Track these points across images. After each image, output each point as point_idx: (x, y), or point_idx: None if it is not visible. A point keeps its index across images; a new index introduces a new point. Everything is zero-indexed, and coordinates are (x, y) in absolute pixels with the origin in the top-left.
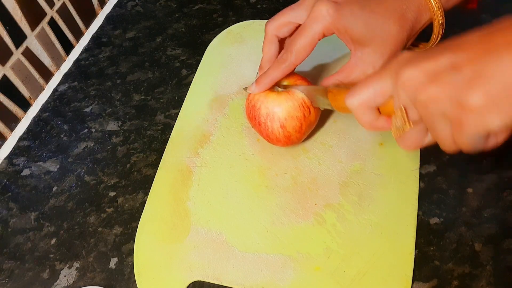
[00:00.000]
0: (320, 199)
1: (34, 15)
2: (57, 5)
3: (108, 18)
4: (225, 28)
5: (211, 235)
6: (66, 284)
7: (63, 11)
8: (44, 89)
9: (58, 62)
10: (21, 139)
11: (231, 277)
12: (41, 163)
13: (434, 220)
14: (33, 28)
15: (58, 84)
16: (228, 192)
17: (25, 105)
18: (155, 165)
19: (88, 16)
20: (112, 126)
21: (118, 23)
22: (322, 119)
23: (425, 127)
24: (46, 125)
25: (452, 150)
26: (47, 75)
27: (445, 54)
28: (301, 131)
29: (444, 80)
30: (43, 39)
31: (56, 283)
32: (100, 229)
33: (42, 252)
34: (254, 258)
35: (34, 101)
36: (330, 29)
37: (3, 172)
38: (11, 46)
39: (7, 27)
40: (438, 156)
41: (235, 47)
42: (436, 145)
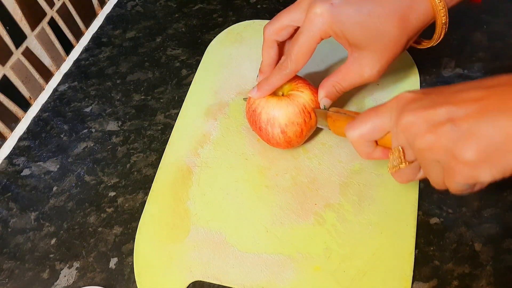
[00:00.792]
0: (320, 199)
1: (34, 15)
2: (57, 5)
3: (108, 18)
4: (225, 28)
5: (211, 235)
6: (66, 284)
7: (63, 11)
8: (44, 89)
9: (58, 62)
10: (21, 139)
11: (231, 277)
12: (41, 163)
13: (434, 220)
14: (33, 28)
15: (58, 84)
16: (228, 192)
17: (25, 105)
18: (155, 165)
19: (88, 16)
20: (112, 126)
21: (118, 23)
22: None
23: (419, 166)
24: (46, 125)
25: (441, 189)
26: (47, 75)
27: (445, 106)
28: (302, 136)
29: (442, 131)
30: (43, 39)
31: (56, 283)
32: (100, 229)
33: (42, 252)
34: (254, 258)
35: (34, 101)
36: (327, 33)
37: (3, 172)
38: (11, 46)
39: (7, 27)
40: None
41: (235, 47)
42: None
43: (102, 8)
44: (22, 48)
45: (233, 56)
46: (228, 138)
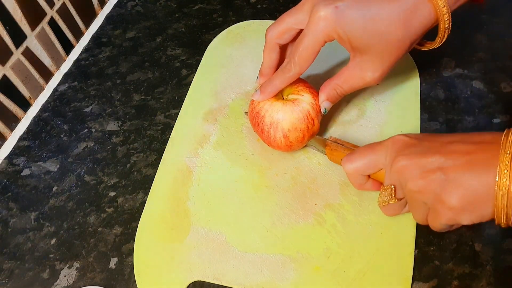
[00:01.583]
0: (320, 199)
1: (34, 15)
2: (57, 5)
3: (108, 18)
4: (225, 28)
5: (211, 235)
6: (66, 284)
7: (63, 11)
8: (44, 89)
9: (58, 62)
10: (21, 139)
11: (231, 277)
12: (41, 163)
13: None
14: (33, 28)
15: (58, 84)
16: (228, 192)
17: (25, 105)
18: (155, 165)
19: (88, 16)
20: (112, 126)
21: (118, 23)
22: (322, 119)
23: (406, 203)
24: (46, 125)
25: (423, 224)
26: (47, 75)
27: (436, 156)
28: (303, 141)
29: (432, 178)
30: (43, 39)
31: (56, 283)
32: (100, 229)
33: (42, 252)
34: (254, 258)
35: (34, 101)
36: (331, 36)
37: (3, 172)
38: (11, 46)
39: (7, 27)
40: None
41: (235, 47)
42: None
43: (102, 8)
44: (22, 48)
45: (233, 56)
46: (228, 138)
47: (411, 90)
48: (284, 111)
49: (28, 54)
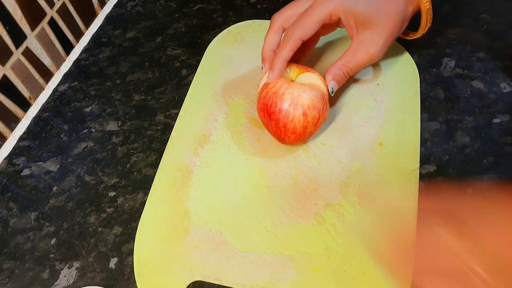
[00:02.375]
0: (320, 199)
1: (34, 15)
2: (57, 5)
3: (108, 18)
4: (225, 28)
5: (211, 235)
6: (66, 284)
7: (63, 11)
8: (44, 89)
9: (58, 62)
10: (21, 139)
11: (231, 277)
12: (41, 163)
13: None
14: (33, 28)
15: (58, 84)
16: (228, 192)
17: (25, 105)
18: (155, 165)
19: (88, 16)
20: (112, 126)
21: (118, 23)
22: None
23: None
24: (46, 125)
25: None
26: (47, 75)
27: None
28: (316, 125)
29: None
30: (43, 39)
31: (56, 283)
32: (100, 229)
33: (42, 252)
34: (254, 258)
35: (34, 101)
36: (337, 12)
37: (3, 172)
38: (11, 46)
39: (7, 27)
40: (438, 156)
41: (235, 47)
42: (437, 145)
43: (102, 8)
44: (22, 48)
45: (233, 56)
46: (228, 138)
47: (411, 90)
48: (304, 89)
49: (28, 54)
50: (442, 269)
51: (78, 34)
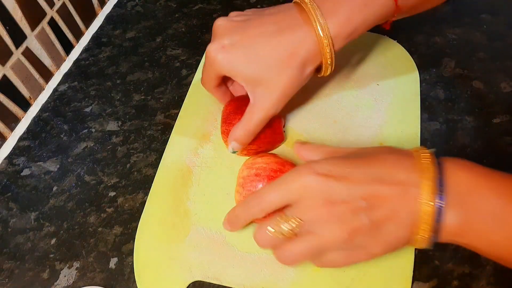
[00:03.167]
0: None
1: (34, 15)
2: (57, 5)
3: (108, 18)
4: None
5: (211, 235)
6: (66, 284)
7: (63, 11)
8: (44, 89)
9: (58, 62)
10: (21, 139)
11: (231, 277)
12: (41, 163)
13: None
14: (33, 28)
15: (58, 84)
16: (228, 192)
17: (25, 105)
18: (155, 165)
19: (88, 16)
20: (112, 126)
21: (118, 23)
22: (322, 119)
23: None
24: (46, 125)
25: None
26: (47, 75)
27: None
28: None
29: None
30: (43, 39)
31: (56, 283)
32: (100, 229)
33: (42, 252)
34: (254, 258)
35: (34, 101)
36: (222, 73)
37: (3, 172)
38: (11, 46)
39: (7, 27)
40: (438, 156)
41: None
42: (437, 145)
43: (102, 8)
44: (22, 48)
45: None
46: None
47: (411, 90)
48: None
49: (28, 54)
50: None
51: (78, 34)
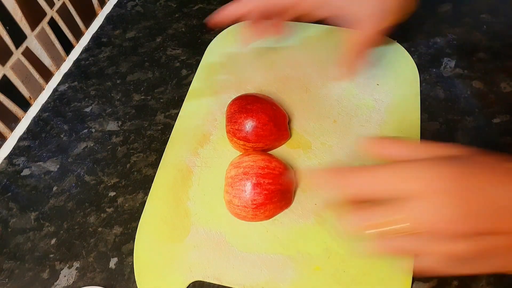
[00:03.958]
0: (320, 199)
1: (34, 15)
2: (57, 5)
3: (108, 18)
4: (225, 28)
5: (211, 235)
6: (66, 284)
7: (63, 11)
8: (44, 89)
9: (58, 62)
10: (21, 139)
11: (231, 277)
12: (41, 163)
13: None
14: (33, 28)
15: (58, 84)
16: None
17: (25, 105)
18: (155, 165)
19: (88, 16)
20: (112, 126)
21: (118, 23)
22: (322, 119)
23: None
24: (46, 125)
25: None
26: (47, 75)
27: None
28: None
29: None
30: (43, 39)
31: (56, 283)
32: (100, 229)
33: (42, 252)
34: (254, 258)
35: (34, 101)
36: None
37: (3, 172)
38: (11, 46)
39: (7, 27)
40: None
41: (235, 47)
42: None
43: (102, 8)
44: (22, 48)
45: (233, 56)
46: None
47: (411, 90)
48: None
49: (28, 54)
50: None
51: (78, 34)
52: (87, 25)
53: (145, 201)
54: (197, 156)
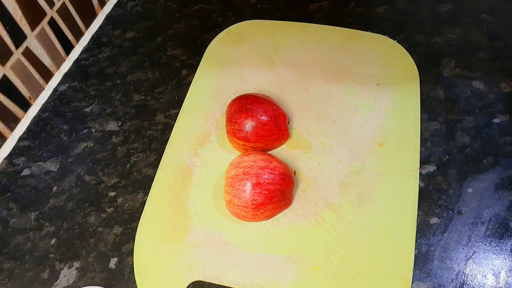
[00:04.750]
0: (320, 199)
1: (34, 15)
2: (57, 5)
3: (108, 18)
4: (225, 28)
5: (211, 235)
6: (66, 284)
7: (63, 11)
8: (44, 89)
9: (58, 62)
10: (21, 139)
11: (231, 277)
12: (41, 163)
13: (434, 220)
14: (33, 28)
15: (58, 84)
16: None
17: (25, 105)
18: (155, 165)
19: (88, 16)
20: (112, 126)
21: (118, 23)
22: (322, 119)
23: None
24: (46, 125)
25: None
26: (47, 75)
27: None
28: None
29: None
30: (43, 39)
31: (56, 283)
32: (100, 229)
33: (42, 252)
34: (254, 258)
35: (34, 101)
36: None
37: (3, 172)
38: (11, 46)
39: (7, 27)
40: (438, 156)
41: (235, 47)
42: (437, 145)
43: (102, 8)
44: (22, 48)
45: (233, 56)
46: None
47: (411, 90)
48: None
49: (28, 54)
50: None
51: (78, 34)
52: (87, 25)
53: (145, 201)
54: (197, 156)
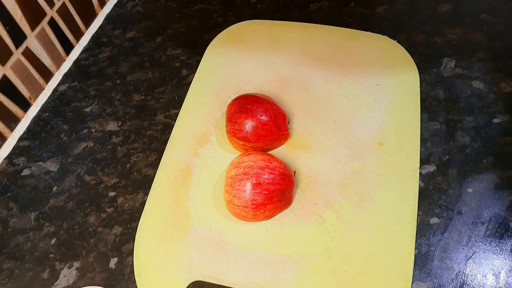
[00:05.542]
0: (320, 199)
1: (34, 15)
2: (57, 5)
3: (108, 18)
4: (225, 28)
5: (211, 235)
6: (66, 284)
7: (63, 11)
8: (44, 89)
9: (58, 62)
10: (21, 139)
11: (231, 277)
12: (41, 163)
13: (434, 220)
14: (33, 28)
15: (58, 84)
16: None
17: (25, 105)
18: (155, 165)
19: (88, 16)
20: (112, 126)
21: (118, 23)
22: (322, 119)
23: None
24: (46, 125)
25: None
26: (47, 75)
27: None
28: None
29: None
30: (43, 39)
31: (56, 283)
32: (100, 229)
33: (42, 252)
34: (254, 258)
35: (34, 101)
36: None
37: (3, 172)
38: (11, 46)
39: (7, 27)
40: (438, 156)
41: (235, 47)
42: (437, 145)
43: (102, 8)
44: (22, 48)
45: (233, 56)
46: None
47: (411, 90)
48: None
49: (28, 54)
50: None
51: (78, 34)
52: (87, 25)
53: (145, 201)
54: (197, 156)
